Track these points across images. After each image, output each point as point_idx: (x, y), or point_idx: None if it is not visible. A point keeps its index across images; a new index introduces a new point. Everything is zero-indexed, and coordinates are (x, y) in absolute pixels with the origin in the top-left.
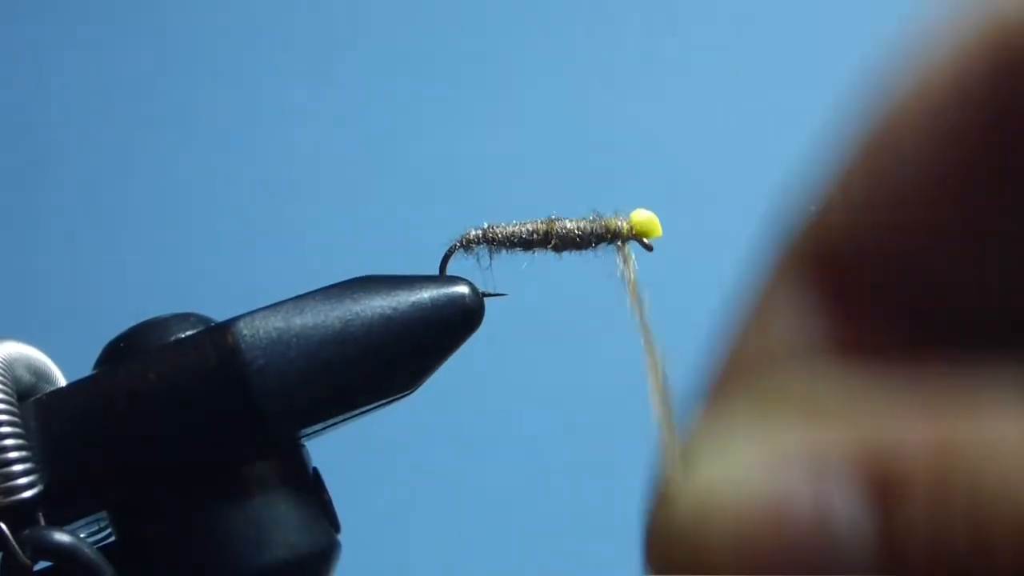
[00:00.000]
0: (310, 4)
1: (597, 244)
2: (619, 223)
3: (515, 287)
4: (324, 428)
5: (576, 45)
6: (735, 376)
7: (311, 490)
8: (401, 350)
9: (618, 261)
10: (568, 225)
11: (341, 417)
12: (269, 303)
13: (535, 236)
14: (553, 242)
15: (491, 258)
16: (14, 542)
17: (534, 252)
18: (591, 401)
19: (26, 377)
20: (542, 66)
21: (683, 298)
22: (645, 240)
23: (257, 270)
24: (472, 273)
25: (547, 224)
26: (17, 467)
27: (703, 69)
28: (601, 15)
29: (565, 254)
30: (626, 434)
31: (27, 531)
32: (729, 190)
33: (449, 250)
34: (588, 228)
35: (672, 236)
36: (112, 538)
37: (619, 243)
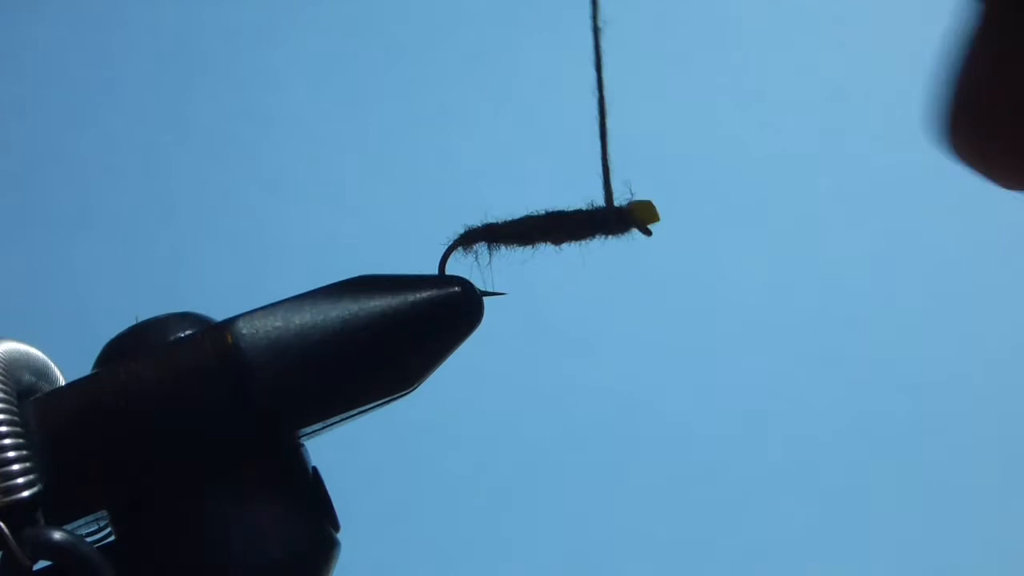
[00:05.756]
0: (310, 4)
1: (596, 233)
2: (619, 211)
3: (514, 287)
4: (324, 427)
5: (577, 44)
6: None
7: (311, 489)
8: (400, 349)
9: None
10: (567, 214)
11: (340, 416)
12: (268, 303)
13: (534, 230)
14: (553, 234)
15: (490, 256)
16: (14, 541)
17: (534, 246)
18: (591, 401)
19: (26, 377)
20: (550, 65)
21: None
22: (645, 225)
23: (257, 270)
24: (471, 273)
25: (545, 217)
26: (16, 466)
27: (703, 66)
28: (612, 16)
29: (564, 246)
30: (625, 434)
31: (27, 530)
32: (729, 186)
33: (448, 249)
34: (587, 218)
35: (675, 239)
36: (112, 537)
37: (619, 230)
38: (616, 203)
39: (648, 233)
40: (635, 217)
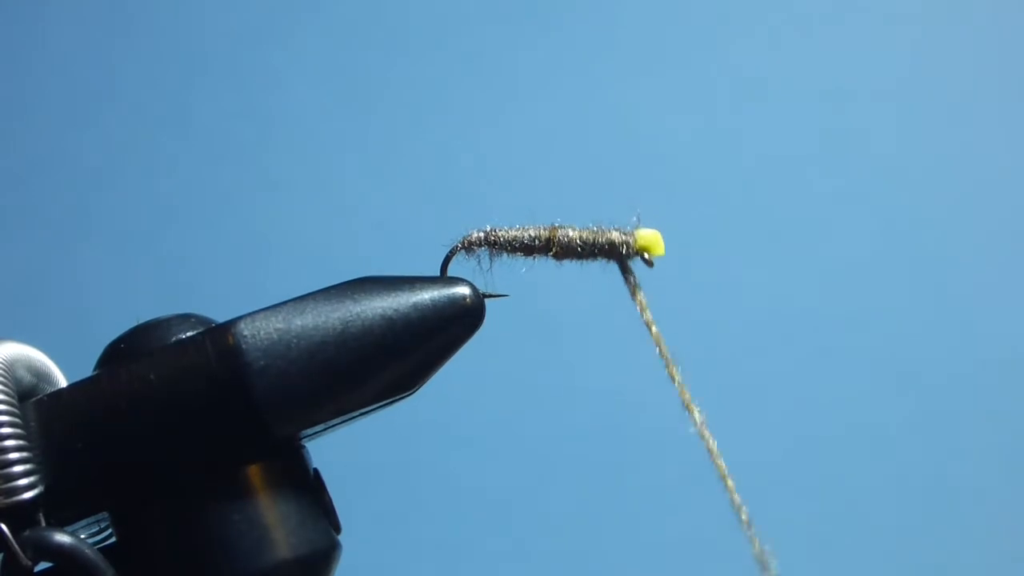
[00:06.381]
0: (310, 4)
1: (599, 256)
2: (623, 238)
3: (516, 289)
4: (325, 429)
5: (587, 46)
6: None
7: (312, 491)
8: (402, 351)
9: (626, 281)
10: (571, 234)
11: (342, 418)
12: (269, 304)
13: (537, 242)
14: (555, 250)
15: (492, 261)
16: (15, 543)
17: (535, 258)
18: (591, 402)
19: (27, 378)
20: (550, 65)
21: (684, 298)
22: (646, 256)
23: (257, 270)
24: (473, 275)
25: (550, 231)
26: (18, 468)
27: (714, 74)
28: (613, 17)
29: (565, 262)
30: (625, 435)
31: (28, 532)
32: (736, 194)
33: (450, 251)
34: (591, 239)
35: (675, 239)
36: (113, 539)
37: (621, 261)
38: (621, 229)
39: (650, 264)
40: (639, 247)
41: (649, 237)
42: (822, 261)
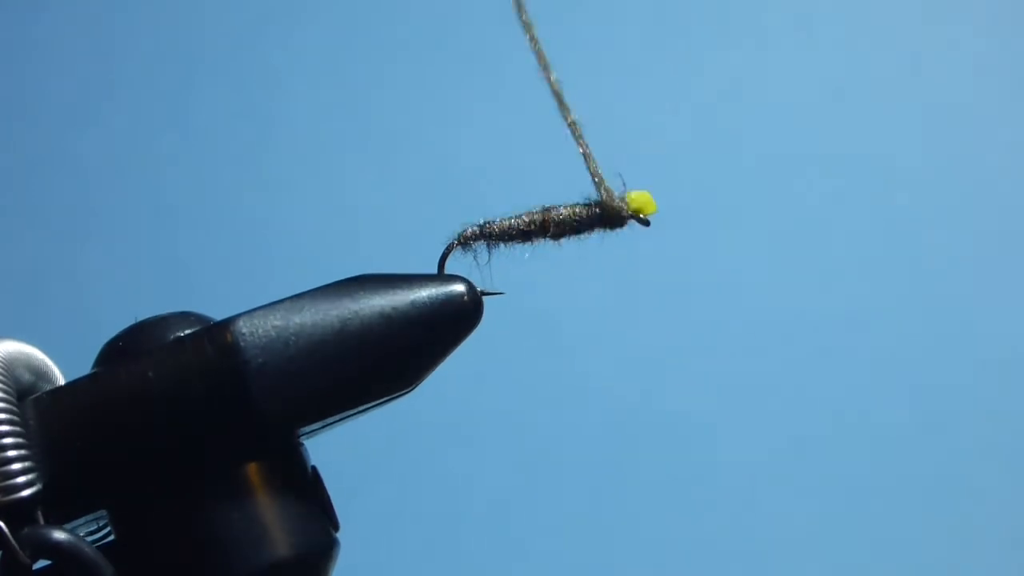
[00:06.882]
0: (308, 4)
1: (595, 227)
2: (617, 203)
3: (514, 286)
4: (323, 427)
5: (585, 45)
6: None
7: (310, 489)
8: (400, 349)
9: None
10: (564, 212)
11: (340, 415)
12: (268, 302)
13: (532, 227)
14: (551, 230)
15: (490, 254)
16: (14, 541)
17: (533, 243)
18: (590, 399)
19: (26, 376)
20: (533, 63)
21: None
22: (642, 216)
23: (257, 270)
24: (471, 272)
25: (543, 214)
26: (16, 466)
27: (692, 61)
28: (592, 10)
29: (564, 241)
30: (625, 432)
31: (27, 530)
32: (736, 194)
33: (447, 248)
34: (585, 212)
35: (674, 239)
36: (111, 537)
37: (616, 224)
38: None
39: (646, 224)
40: (632, 209)
41: (640, 198)
42: (822, 261)
